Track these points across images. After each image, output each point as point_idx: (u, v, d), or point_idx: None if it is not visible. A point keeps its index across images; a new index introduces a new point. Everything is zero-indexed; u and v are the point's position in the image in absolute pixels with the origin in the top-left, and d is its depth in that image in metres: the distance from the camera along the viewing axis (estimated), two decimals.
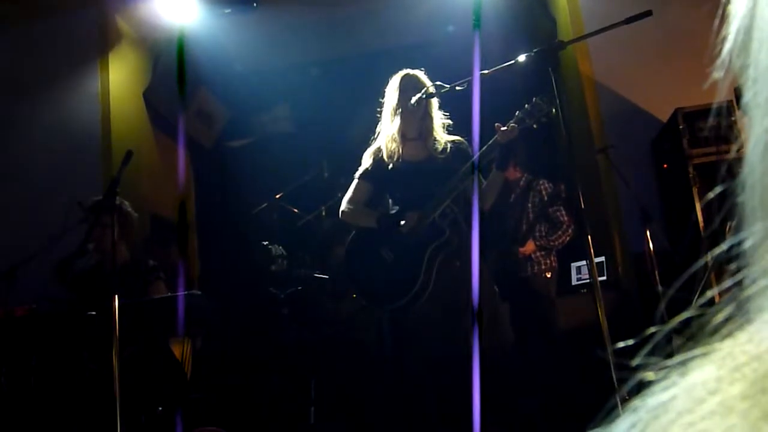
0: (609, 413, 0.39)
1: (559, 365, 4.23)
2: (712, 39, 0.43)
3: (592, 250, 2.58)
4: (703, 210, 4.24)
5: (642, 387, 0.37)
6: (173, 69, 5.31)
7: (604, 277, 4.69)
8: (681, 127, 4.41)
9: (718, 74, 0.40)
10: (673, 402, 0.34)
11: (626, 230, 4.90)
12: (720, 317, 0.36)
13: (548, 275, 4.68)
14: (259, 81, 6.55)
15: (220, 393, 4.46)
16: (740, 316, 0.36)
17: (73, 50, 5.58)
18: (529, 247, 4.65)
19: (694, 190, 4.32)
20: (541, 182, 4.76)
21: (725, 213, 0.40)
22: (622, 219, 4.95)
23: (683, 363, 0.35)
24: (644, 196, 4.48)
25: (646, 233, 4.15)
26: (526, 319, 4.58)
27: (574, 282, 4.91)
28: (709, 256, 0.40)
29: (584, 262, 4.64)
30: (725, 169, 0.41)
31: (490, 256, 4.66)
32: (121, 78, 5.71)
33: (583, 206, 2.66)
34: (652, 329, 0.40)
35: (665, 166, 4.82)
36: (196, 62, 5.73)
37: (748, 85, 0.38)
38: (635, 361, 0.39)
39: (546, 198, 4.71)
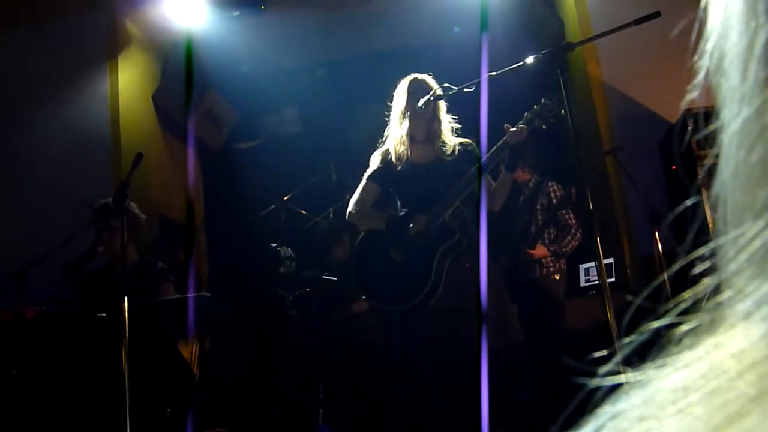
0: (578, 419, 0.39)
1: (567, 368, 4.22)
2: (693, 38, 0.44)
3: (601, 252, 2.57)
4: (711, 212, 4.23)
5: (611, 393, 0.38)
6: (182, 71, 5.33)
7: (613, 279, 4.67)
8: (690, 128, 4.39)
9: (694, 93, 0.42)
10: (635, 409, 0.35)
11: (635, 232, 4.89)
12: (686, 326, 0.37)
13: (557, 277, 4.67)
14: (267, 83, 6.57)
15: (228, 394, 4.47)
16: (705, 326, 0.37)
17: (82, 53, 5.61)
18: (541, 251, 4.63)
19: (703, 192, 4.30)
20: (550, 184, 4.75)
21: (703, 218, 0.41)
22: (630, 220, 4.94)
23: (649, 371, 0.36)
24: (653, 197, 4.46)
25: (654, 235, 4.13)
26: (534, 321, 4.57)
27: (582, 284, 4.89)
28: (680, 265, 0.41)
29: (593, 264, 4.63)
30: (704, 175, 0.43)
31: (500, 257, 4.66)
32: (130, 81, 5.74)
33: (591, 208, 2.66)
34: (627, 339, 0.41)
35: (674, 167, 4.80)
36: (205, 65, 5.75)
37: (722, 104, 0.39)
38: (605, 369, 0.40)
39: (555, 201, 4.70)
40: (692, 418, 0.32)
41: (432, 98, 3.28)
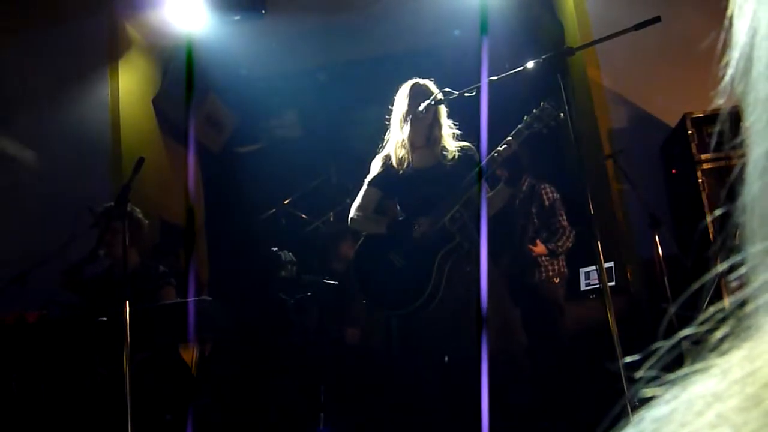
0: (614, 422, 0.40)
1: (568, 371, 4.23)
2: (719, 45, 0.44)
3: (601, 256, 2.58)
4: (712, 215, 4.24)
5: (646, 398, 0.38)
6: (182, 75, 5.34)
7: (613, 283, 4.68)
8: (689, 132, 4.41)
9: (720, 100, 0.42)
10: (674, 414, 0.35)
11: (635, 235, 4.90)
12: (719, 334, 0.37)
13: (557, 281, 4.69)
14: (267, 87, 6.58)
15: (229, 399, 4.47)
16: (738, 333, 0.37)
17: (83, 57, 5.61)
18: (541, 248, 4.66)
19: (703, 196, 4.31)
20: (543, 187, 4.78)
21: (731, 227, 0.41)
22: (630, 224, 4.94)
23: (684, 377, 0.37)
24: (653, 201, 4.47)
25: (655, 238, 4.14)
26: (535, 325, 4.58)
27: (582, 287, 4.90)
28: (713, 273, 0.41)
29: (593, 268, 4.64)
30: (732, 182, 0.43)
31: (500, 261, 4.67)
32: (130, 85, 5.75)
33: (592, 212, 2.66)
34: (658, 344, 0.41)
35: (674, 171, 4.81)
36: (205, 69, 5.76)
37: (748, 111, 0.39)
38: (639, 374, 0.40)
39: (548, 203, 4.73)
40: (729, 424, 0.33)
41: (433, 103, 3.29)
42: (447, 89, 3.29)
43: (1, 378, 3.57)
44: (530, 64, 2.83)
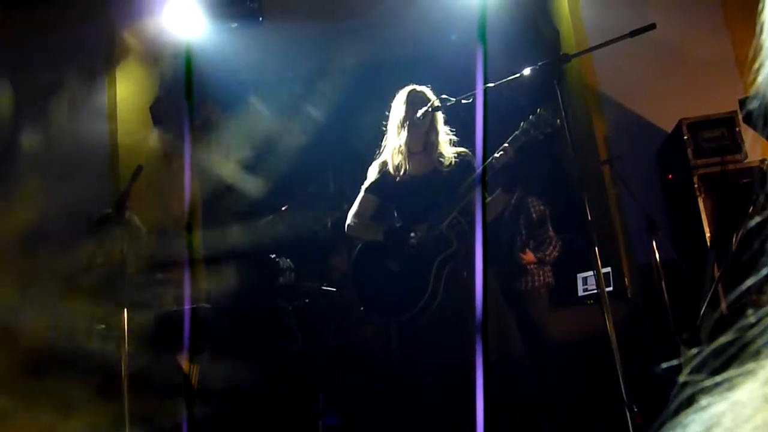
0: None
1: (564, 376, 4.23)
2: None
3: (599, 261, 2.58)
4: (708, 221, 4.25)
5: (677, 402, 0.38)
6: (180, 83, 5.35)
7: (611, 288, 4.69)
8: (685, 137, 4.42)
9: (754, 105, 0.42)
10: (721, 418, 0.35)
11: (632, 241, 4.91)
12: (763, 340, 0.37)
13: (542, 290, 4.75)
14: (264, 94, 6.58)
15: (227, 406, 4.46)
16: None
17: (80, 65, 5.62)
18: (530, 257, 4.71)
19: (699, 201, 4.32)
20: (531, 200, 4.83)
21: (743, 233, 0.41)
22: (627, 229, 4.96)
23: (730, 380, 0.37)
24: (650, 206, 4.49)
25: (652, 243, 4.15)
26: (525, 330, 4.60)
27: (580, 293, 4.92)
28: (749, 282, 0.41)
29: (590, 273, 4.65)
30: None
31: (493, 268, 4.69)
32: (128, 92, 5.75)
33: (589, 217, 2.67)
34: (694, 350, 0.41)
35: (670, 176, 4.82)
36: (203, 76, 5.77)
37: None
38: (681, 379, 0.40)
39: (535, 216, 4.78)
40: None
41: (430, 109, 3.30)
42: (444, 96, 3.30)
43: None
44: (527, 71, 2.84)
